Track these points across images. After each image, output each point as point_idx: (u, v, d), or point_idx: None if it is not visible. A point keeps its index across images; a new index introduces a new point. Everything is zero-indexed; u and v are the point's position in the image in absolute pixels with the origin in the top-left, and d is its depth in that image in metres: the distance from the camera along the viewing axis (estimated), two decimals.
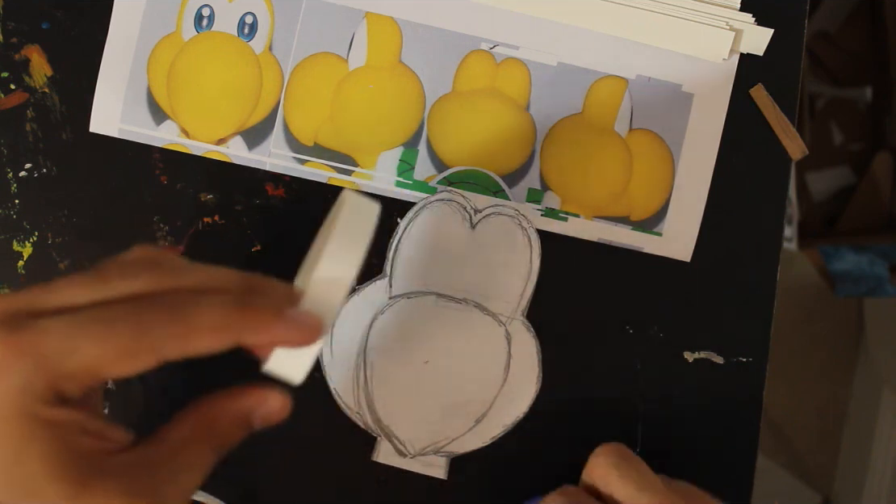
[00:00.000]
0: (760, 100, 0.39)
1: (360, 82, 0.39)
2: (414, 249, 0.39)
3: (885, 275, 1.15)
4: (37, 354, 0.24)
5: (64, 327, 0.24)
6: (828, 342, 1.21)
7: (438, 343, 0.39)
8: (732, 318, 0.40)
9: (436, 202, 0.39)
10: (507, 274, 0.39)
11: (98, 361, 0.24)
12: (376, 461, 0.39)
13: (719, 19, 0.38)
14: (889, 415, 1.12)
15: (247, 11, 0.39)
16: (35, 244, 0.39)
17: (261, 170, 0.39)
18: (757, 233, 0.40)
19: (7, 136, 0.39)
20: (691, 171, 0.40)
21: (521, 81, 0.39)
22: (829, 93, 1.16)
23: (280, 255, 0.40)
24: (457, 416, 0.39)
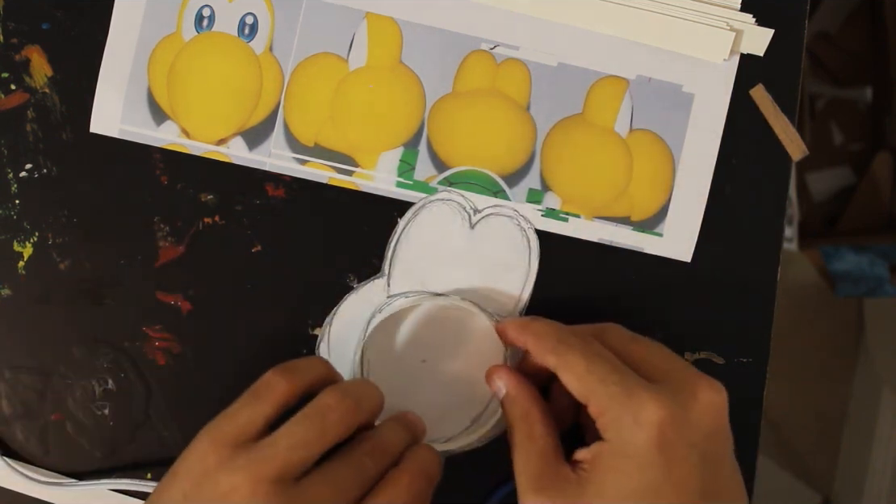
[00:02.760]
0: (760, 100, 0.39)
1: (360, 82, 0.39)
2: (412, 249, 0.39)
3: (885, 275, 1.15)
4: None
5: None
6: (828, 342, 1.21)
7: (436, 342, 0.39)
8: (732, 318, 0.40)
9: (435, 202, 0.39)
10: (506, 274, 0.39)
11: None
12: None
13: (719, 19, 0.38)
14: (889, 415, 1.12)
15: (247, 12, 0.39)
16: (35, 244, 0.39)
17: (261, 170, 0.39)
18: (757, 233, 0.40)
19: (7, 136, 0.39)
20: (691, 171, 0.40)
21: (522, 81, 0.39)
22: (829, 93, 1.16)
23: (280, 255, 0.40)
24: (454, 416, 0.39)
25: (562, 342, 0.33)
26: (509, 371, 0.36)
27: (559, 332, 0.34)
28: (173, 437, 0.40)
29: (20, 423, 0.40)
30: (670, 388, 0.31)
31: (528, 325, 0.35)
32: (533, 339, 0.35)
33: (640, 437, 0.30)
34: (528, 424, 0.34)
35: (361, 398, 0.32)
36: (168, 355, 0.40)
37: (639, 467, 0.30)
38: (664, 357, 0.33)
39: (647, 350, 0.34)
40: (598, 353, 0.33)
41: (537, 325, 0.35)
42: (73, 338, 0.40)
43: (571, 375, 0.32)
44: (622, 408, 0.30)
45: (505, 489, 0.39)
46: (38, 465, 0.39)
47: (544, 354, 0.34)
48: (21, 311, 0.39)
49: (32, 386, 0.40)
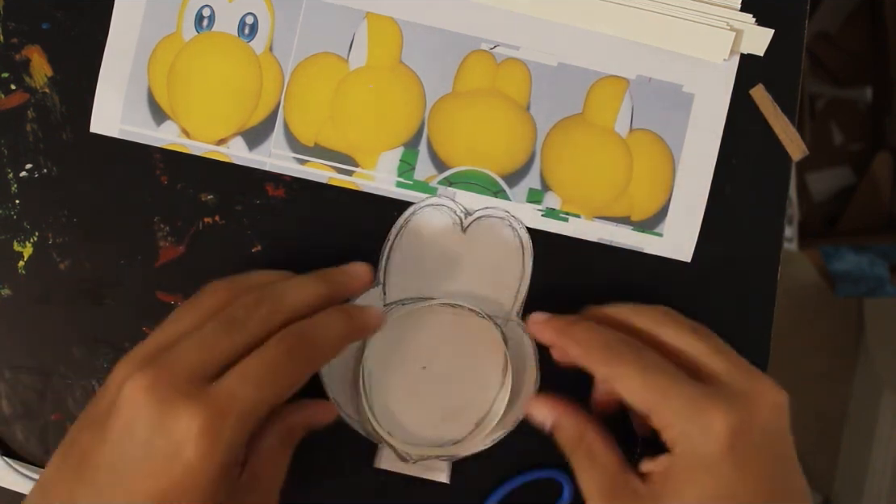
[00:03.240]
0: (760, 100, 0.39)
1: (360, 82, 0.39)
2: (406, 256, 0.39)
3: (885, 275, 1.15)
4: (236, 413, 0.28)
5: (247, 389, 0.29)
6: (828, 342, 1.21)
7: (435, 348, 0.39)
8: (732, 318, 0.40)
9: (425, 208, 0.39)
10: (501, 276, 0.39)
11: (273, 405, 0.30)
12: (378, 468, 0.39)
13: (719, 19, 0.38)
14: (889, 415, 1.12)
15: (247, 12, 0.39)
16: (35, 244, 0.39)
17: (261, 170, 0.39)
18: (757, 233, 0.40)
19: (7, 136, 0.39)
20: (691, 171, 0.40)
21: (522, 81, 0.39)
22: (829, 93, 1.16)
23: (280, 255, 0.40)
24: (457, 421, 0.39)
25: (611, 351, 0.32)
26: (547, 400, 0.35)
27: (606, 338, 0.33)
28: None
29: (20, 423, 0.40)
30: (732, 390, 0.31)
31: (569, 330, 0.34)
32: (576, 347, 0.34)
33: (712, 448, 0.30)
34: (585, 445, 0.33)
35: (282, 297, 0.32)
36: None
37: (713, 477, 0.30)
38: (722, 355, 0.32)
39: (705, 347, 0.32)
40: (654, 364, 0.32)
41: (580, 331, 0.34)
42: (73, 338, 0.40)
43: (628, 389, 0.32)
44: (689, 421, 0.30)
45: (505, 489, 0.39)
46: (38, 465, 0.39)
47: (593, 364, 0.33)
48: (21, 311, 0.39)
49: (32, 386, 0.40)
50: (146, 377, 0.28)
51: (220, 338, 0.30)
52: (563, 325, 0.35)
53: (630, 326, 0.34)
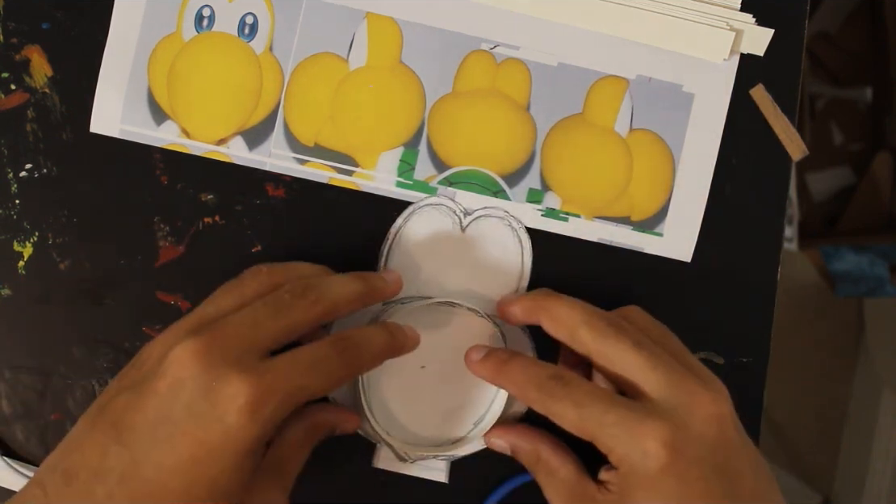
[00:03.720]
0: (760, 100, 0.39)
1: (360, 82, 0.39)
2: (405, 255, 0.39)
3: (885, 275, 1.15)
4: (282, 393, 0.29)
5: (296, 374, 0.30)
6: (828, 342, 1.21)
7: (434, 347, 0.39)
8: (732, 318, 0.40)
9: (425, 207, 0.39)
10: (500, 275, 0.39)
11: (311, 398, 0.31)
12: (377, 467, 0.39)
13: (719, 19, 0.38)
14: (889, 415, 1.12)
15: (247, 12, 0.39)
16: (35, 244, 0.39)
17: (261, 170, 0.39)
18: (757, 233, 0.40)
19: (7, 136, 0.39)
20: (691, 171, 0.40)
21: (522, 81, 0.39)
22: (829, 93, 1.16)
23: (280, 255, 0.40)
24: (456, 420, 0.39)
25: (543, 390, 0.33)
26: (501, 429, 0.37)
27: (538, 378, 0.33)
28: None
29: (20, 423, 0.40)
30: (666, 406, 0.31)
31: (504, 370, 0.35)
32: (512, 387, 0.35)
33: (652, 466, 0.30)
34: (542, 463, 0.35)
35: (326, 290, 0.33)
36: None
37: (659, 493, 0.30)
38: (659, 369, 0.32)
39: (643, 362, 0.33)
40: (586, 395, 0.32)
41: (514, 371, 0.35)
42: (73, 338, 0.40)
43: (566, 423, 0.33)
44: (626, 445, 0.31)
45: (505, 489, 0.39)
46: (38, 465, 0.39)
47: (529, 403, 0.34)
48: (21, 311, 0.39)
49: (32, 386, 0.40)
50: (198, 342, 0.29)
51: (268, 318, 0.31)
52: (497, 363, 0.35)
53: (577, 339, 0.34)
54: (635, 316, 0.36)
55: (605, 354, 0.33)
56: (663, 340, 0.35)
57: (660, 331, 0.36)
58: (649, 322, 0.36)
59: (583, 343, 0.34)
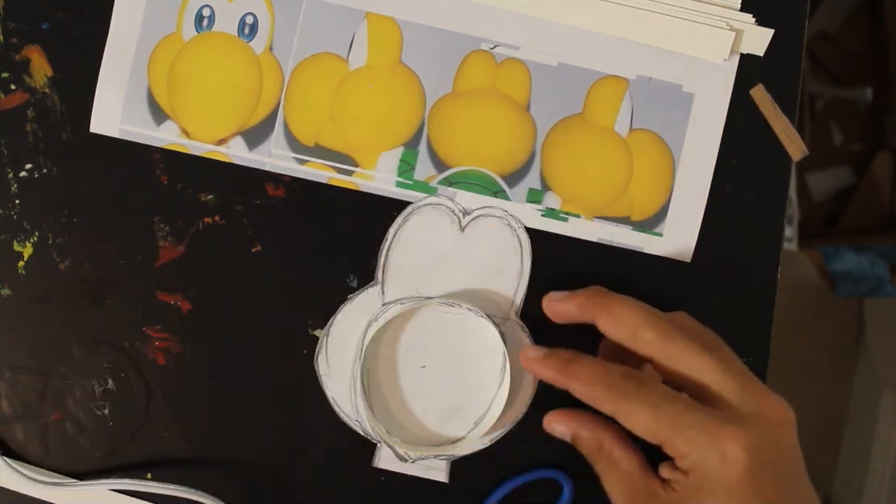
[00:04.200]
0: (760, 100, 0.39)
1: (360, 82, 0.39)
2: (404, 255, 0.39)
3: (885, 275, 1.15)
4: None
5: None
6: (828, 342, 1.21)
7: (434, 347, 0.39)
8: (732, 318, 0.40)
9: (424, 206, 0.39)
10: (499, 275, 0.39)
11: None
12: (377, 467, 0.39)
13: (719, 19, 0.38)
14: (889, 415, 1.12)
15: (247, 12, 0.39)
16: (35, 244, 0.39)
17: (261, 170, 0.39)
18: (757, 233, 0.40)
19: (7, 136, 0.39)
20: (691, 171, 0.40)
21: (522, 81, 0.39)
22: (829, 93, 1.16)
23: (280, 255, 0.40)
24: (456, 420, 0.39)
25: (614, 389, 0.32)
26: (563, 414, 0.35)
27: (608, 376, 0.33)
28: (173, 437, 0.40)
29: (20, 423, 0.40)
30: (743, 412, 0.31)
31: (568, 369, 0.34)
32: (579, 386, 0.33)
33: (731, 472, 0.30)
34: (605, 453, 0.34)
35: None
36: (168, 355, 0.40)
37: (734, 497, 0.30)
38: (731, 374, 0.32)
39: (714, 366, 0.32)
40: (661, 396, 0.32)
41: (580, 370, 0.33)
42: (73, 338, 0.40)
43: (638, 425, 0.32)
44: (704, 450, 0.30)
45: (505, 489, 0.39)
46: (38, 465, 0.39)
47: (598, 403, 0.33)
48: (21, 311, 0.39)
49: (32, 386, 0.40)
50: None
51: None
52: (562, 363, 0.34)
53: (640, 339, 0.33)
54: (686, 322, 0.35)
55: (672, 357, 0.32)
56: (717, 346, 0.34)
57: (710, 337, 0.35)
58: (700, 328, 0.35)
59: (647, 343, 0.33)
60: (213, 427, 0.40)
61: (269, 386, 0.40)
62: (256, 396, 0.40)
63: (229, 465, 0.40)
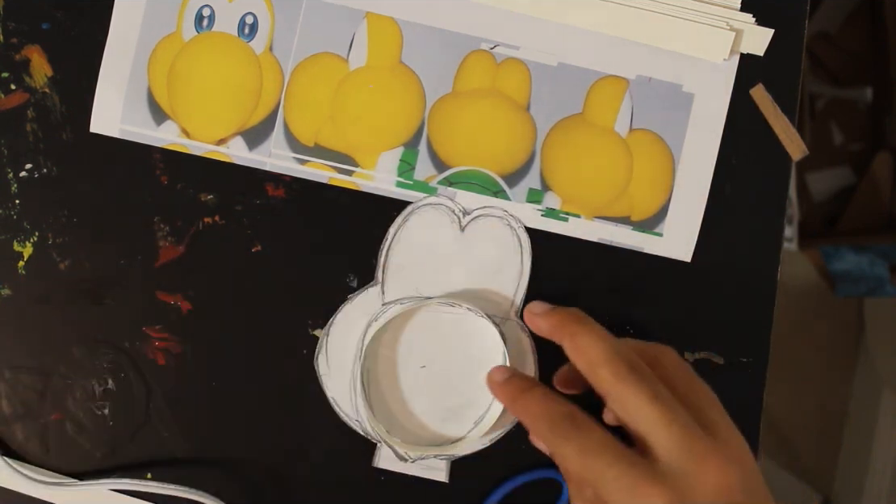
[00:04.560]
0: (760, 100, 0.39)
1: (360, 82, 0.39)
2: (404, 255, 0.39)
3: (885, 275, 1.15)
4: None
5: None
6: (828, 342, 1.21)
7: (434, 347, 0.39)
8: (732, 318, 0.40)
9: (424, 206, 0.39)
10: (499, 275, 0.39)
11: None
12: (377, 467, 0.39)
13: (719, 19, 0.38)
14: (889, 415, 1.12)
15: (247, 12, 0.39)
16: (35, 244, 0.39)
17: (261, 170, 0.39)
18: (757, 233, 0.40)
19: (7, 136, 0.39)
20: (691, 171, 0.40)
21: (522, 81, 0.39)
22: (829, 93, 1.16)
23: (280, 255, 0.40)
24: (456, 420, 0.39)
25: (555, 429, 0.32)
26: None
27: (551, 415, 0.32)
28: (173, 437, 0.40)
29: (20, 423, 0.40)
30: (674, 470, 0.30)
31: (521, 399, 0.34)
32: (525, 418, 0.34)
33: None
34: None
35: None
36: (168, 355, 0.40)
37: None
38: (675, 426, 0.31)
39: (659, 416, 0.31)
40: (596, 444, 0.31)
41: (531, 403, 0.33)
42: (73, 338, 0.40)
43: (568, 468, 0.32)
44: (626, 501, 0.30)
45: (505, 489, 0.39)
46: (38, 465, 0.39)
47: (537, 437, 0.33)
48: (21, 311, 0.39)
49: (32, 386, 0.40)
50: None
51: None
52: (515, 391, 0.34)
53: (595, 374, 0.33)
54: (665, 359, 0.34)
55: (620, 400, 0.32)
56: (689, 390, 0.33)
57: (687, 378, 0.34)
58: (679, 368, 0.34)
59: (600, 382, 0.32)
60: (213, 427, 0.40)
61: (269, 386, 0.40)
62: (256, 396, 0.40)
63: (229, 465, 0.40)
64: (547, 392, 0.34)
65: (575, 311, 0.35)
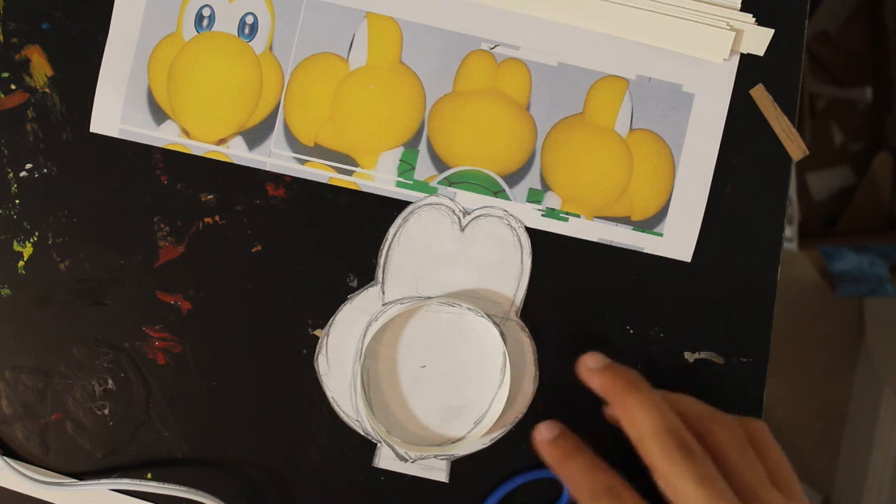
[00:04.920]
0: (761, 100, 0.39)
1: (360, 82, 0.39)
2: (405, 255, 0.39)
3: (885, 275, 1.15)
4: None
5: None
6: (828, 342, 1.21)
7: (434, 347, 0.39)
8: (732, 318, 0.40)
9: (424, 207, 0.39)
10: (499, 275, 0.39)
11: None
12: (377, 467, 0.39)
13: (719, 19, 0.38)
14: (889, 415, 1.12)
15: (247, 11, 0.39)
16: (35, 244, 0.39)
17: (261, 170, 0.39)
18: (757, 233, 0.40)
19: (7, 136, 0.39)
20: (691, 171, 0.40)
21: (522, 81, 0.39)
22: (829, 93, 1.16)
23: (280, 255, 0.40)
24: (456, 420, 0.39)
25: (594, 500, 0.32)
26: None
27: (593, 484, 0.33)
28: (173, 437, 0.40)
29: (20, 423, 0.40)
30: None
31: (564, 463, 0.34)
32: (569, 484, 0.34)
33: None
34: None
35: None
36: (168, 355, 0.40)
37: None
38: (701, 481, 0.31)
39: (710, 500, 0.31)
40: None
41: (573, 468, 0.34)
42: (73, 338, 0.40)
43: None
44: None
45: (505, 489, 0.39)
46: (38, 465, 0.39)
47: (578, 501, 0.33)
48: (21, 311, 0.39)
49: (32, 386, 0.40)
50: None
51: None
52: (563, 455, 0.34)
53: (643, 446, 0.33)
54: (720, 434, 0.34)
55: (666, 477, 0.31)
56: (741, 467, 0.33)
57: (740, 453, 0.33)
58: (732, 443, 0.33)
59: (647, 454, 0.32)
60: (213, 427, 0.40)
61: (269, 386, 0.40)
62: (256, 396, 0.40)
63: (229, 465, 0.40)
64: (591, 459, 0.34)
65: (629, 373, 0.35)
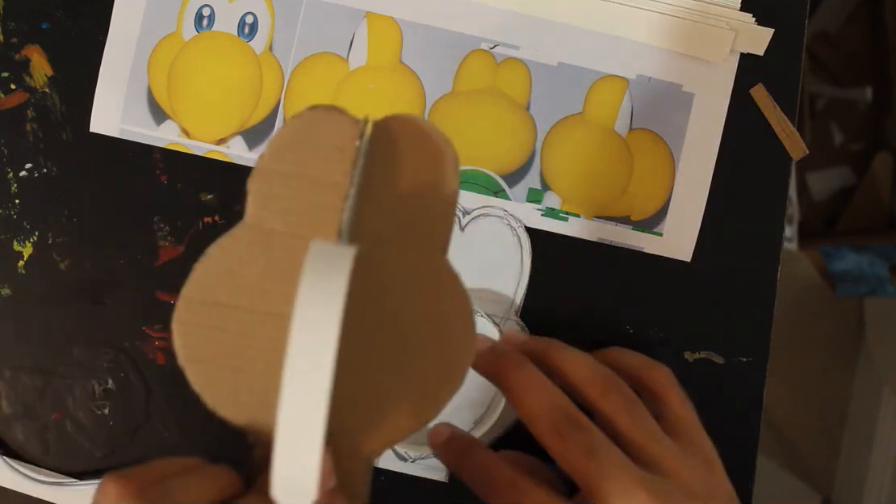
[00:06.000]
0: (760, 100, 0.39)
1: (360, 82, 0.39)
2: None
3: (885, 275, 1.15)
4: None
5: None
6: (828, 342, 1.21)
7: None
8: (732, 318, 0.40)
9: None
10: (499, 275, 0.39)
11: None
12: (377, 467, 0.39)
13: (719, 19, 0.38)
14: (889, 415, 1.12)
15: (247, 11, 0.39)
16: (35, 244, 0.39)
17: None
18: (757, 233, 0.40)
19: (7, 136, 0.39)
20: (691, 170, 0.40)
21: (521, 81, 0.39)
22: (829, 93, 1.16)
23: None
24: (456, 420, 0.39)
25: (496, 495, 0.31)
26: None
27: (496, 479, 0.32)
28: (173, 437, 0.40)
29: (20, 423, 0.40)
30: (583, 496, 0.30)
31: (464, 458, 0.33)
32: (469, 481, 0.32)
33: None
34: None
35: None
36: (168, 355, 0.40)
37: None
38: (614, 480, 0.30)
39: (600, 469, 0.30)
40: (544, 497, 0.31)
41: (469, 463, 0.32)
42: (73, 338, 0.40)
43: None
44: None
45: None
46: (38, 465, 0.39)
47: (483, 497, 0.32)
48: (21, 311, 0.39)
49: (32, 386, 0.40)
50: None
51: None
52: (461, 450, 0.33)
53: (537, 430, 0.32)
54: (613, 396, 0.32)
55: (559, 454, 0.31)
56: (632, 428, 0.32)
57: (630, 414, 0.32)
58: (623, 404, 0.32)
59: (540, 435, 0.32)
60: (213, 427, 0.40)
61: None
62: None
63: (228, 463, 0.40)
64: (488, 454, 0.33)
65: (510, 353, 0.33)
